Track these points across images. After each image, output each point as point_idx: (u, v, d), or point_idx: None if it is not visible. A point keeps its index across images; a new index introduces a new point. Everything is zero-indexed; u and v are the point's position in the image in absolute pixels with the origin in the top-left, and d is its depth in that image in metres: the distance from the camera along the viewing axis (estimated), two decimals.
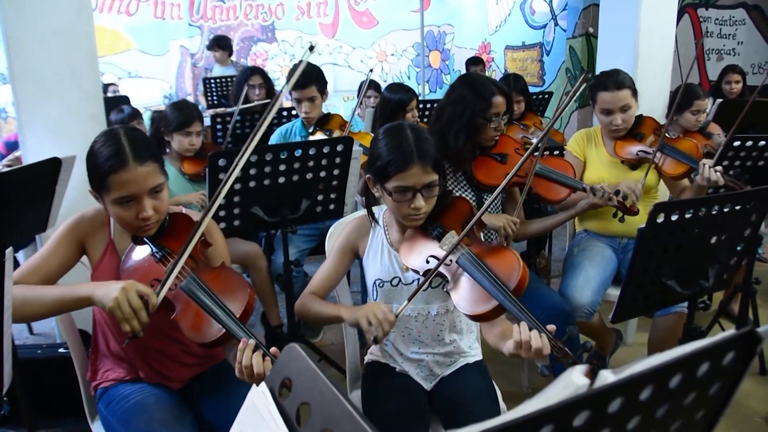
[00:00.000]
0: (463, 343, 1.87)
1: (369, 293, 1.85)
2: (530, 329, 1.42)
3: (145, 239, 1.63)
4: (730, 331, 0.74)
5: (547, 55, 6.87)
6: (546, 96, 4.64)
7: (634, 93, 2.68)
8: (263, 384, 0.89)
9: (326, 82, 3.25)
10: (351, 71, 8.67)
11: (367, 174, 1.72)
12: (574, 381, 0.90)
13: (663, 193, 2.88)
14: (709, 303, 2.05)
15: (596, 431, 0.73)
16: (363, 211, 1.86)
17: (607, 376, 0.82)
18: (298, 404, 0.86)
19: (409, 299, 1.59)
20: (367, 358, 1.91)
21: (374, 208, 1.84)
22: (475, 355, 1.89)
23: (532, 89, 6.75)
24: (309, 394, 0.85)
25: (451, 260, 1.59)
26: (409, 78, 8.50)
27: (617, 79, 2.66)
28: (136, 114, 3.96)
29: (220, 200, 1.59)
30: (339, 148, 2.41)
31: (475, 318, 1.54)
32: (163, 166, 1.65)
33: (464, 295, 1.54)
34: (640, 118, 2.74)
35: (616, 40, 4.35)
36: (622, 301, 1.89)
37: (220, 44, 6.10)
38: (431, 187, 1.64)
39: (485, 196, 2.39)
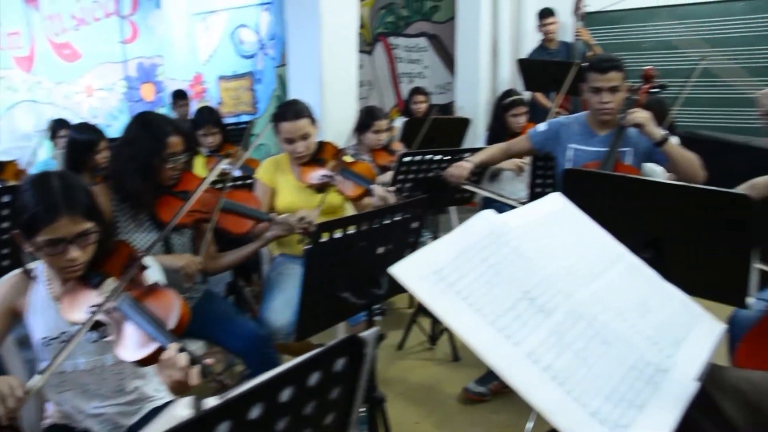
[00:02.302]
0: (148, 389, 1.84)
1: (36, 353, 1.75)
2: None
3: None
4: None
5: (259, 83, 7.05)
6: (244, 125, 4.76)
7: (313, 121, 2.88)
8: None
9: None
10: (55, 108, 8.04)
11: (14, 230, 1.63)
12: (176, 414, 0.95)
13: (353, 212, 3.11)
14: (384, 308, 2.31)
15: None
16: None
17: (211, 403, 0.88)
18: None
19: (43, 371, 1.50)
20: (45, 422, 1.80)
21: (32, 263, 1.74)
22: (162, 397, 1.87)
23: (246, 117, 6.92)
24: None
25: (111, 308, 1.57)
26: (122, 112, 8.12)
27: (296, 109, 2.83)
28: None
29: None
30: (5, 199, 2.25)
31: (140, 363, 1.53)
32: None
33: (126, 342, 1.53)
34: (321, 145, 2.95)
35: (303, 70, 4.62)
36: (301, 319, 2.01)
37: None
38: (85, 235, 1.60)
39: (171, 237, 2.38)
